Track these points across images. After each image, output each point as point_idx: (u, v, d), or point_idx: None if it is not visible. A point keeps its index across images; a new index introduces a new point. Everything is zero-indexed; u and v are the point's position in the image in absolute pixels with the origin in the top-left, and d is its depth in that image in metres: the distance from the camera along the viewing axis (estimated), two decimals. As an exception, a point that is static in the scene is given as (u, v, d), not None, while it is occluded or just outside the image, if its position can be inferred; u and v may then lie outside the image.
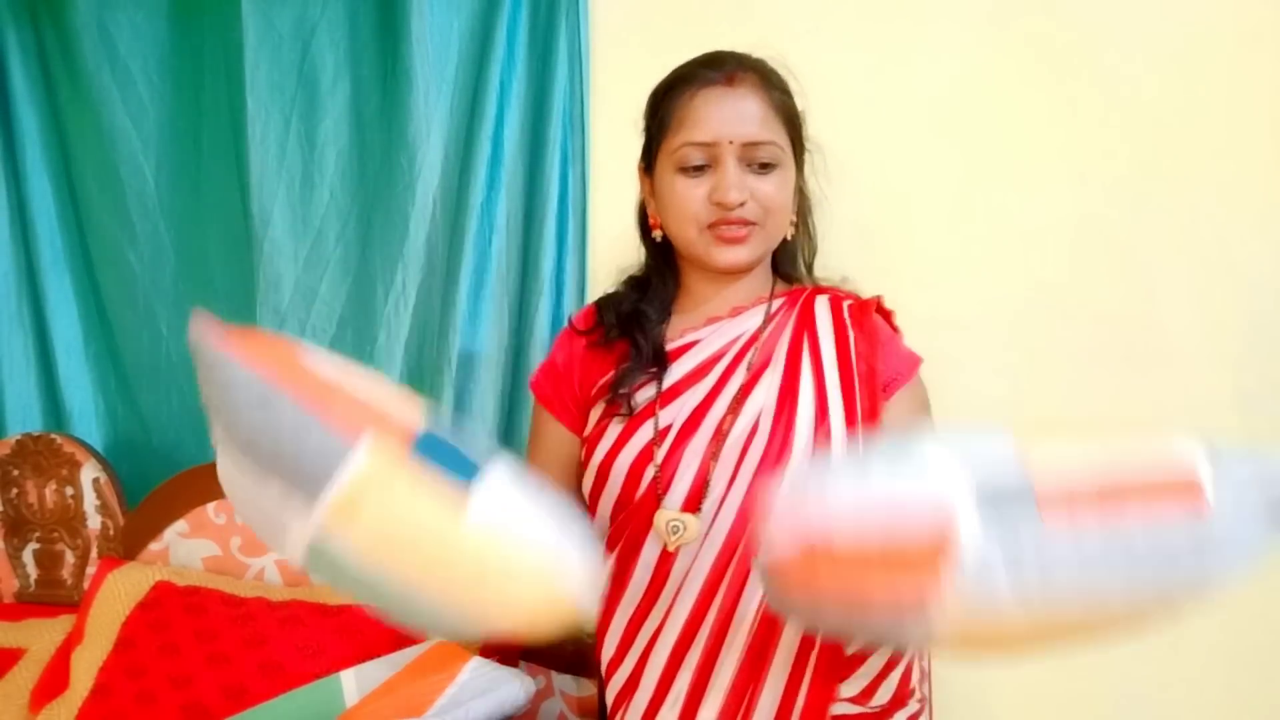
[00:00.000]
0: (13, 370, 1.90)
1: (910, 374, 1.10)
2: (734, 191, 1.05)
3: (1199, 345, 1.39)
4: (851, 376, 1.07)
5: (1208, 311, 1.39)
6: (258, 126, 1.67)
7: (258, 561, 1.65)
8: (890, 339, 1.12)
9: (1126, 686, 1.47)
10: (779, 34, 1.36)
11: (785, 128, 1.08)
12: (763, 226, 1.08)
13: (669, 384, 1.10)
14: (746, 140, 1.05)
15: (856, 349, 1.08)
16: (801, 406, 1.06)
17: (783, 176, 1.08)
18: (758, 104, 1.06)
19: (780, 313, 1.13)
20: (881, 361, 1.08)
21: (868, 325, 1.10)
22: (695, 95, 1.08)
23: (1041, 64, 1.41)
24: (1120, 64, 1.38)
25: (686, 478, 1.05)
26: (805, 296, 1.14)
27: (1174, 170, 1.38)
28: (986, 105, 1.44)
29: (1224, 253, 1.38)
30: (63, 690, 1.52)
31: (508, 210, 1.60)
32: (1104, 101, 1.39)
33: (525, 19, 1.56)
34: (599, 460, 1.11)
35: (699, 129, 1.06)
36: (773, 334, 1.11)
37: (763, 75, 1.09)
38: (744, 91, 1.07)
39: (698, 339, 1.12)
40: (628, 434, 1.10)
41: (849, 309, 1.12)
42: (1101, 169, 1.41)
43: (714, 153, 1.06)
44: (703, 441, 1.06)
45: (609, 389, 1.12)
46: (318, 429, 0.76)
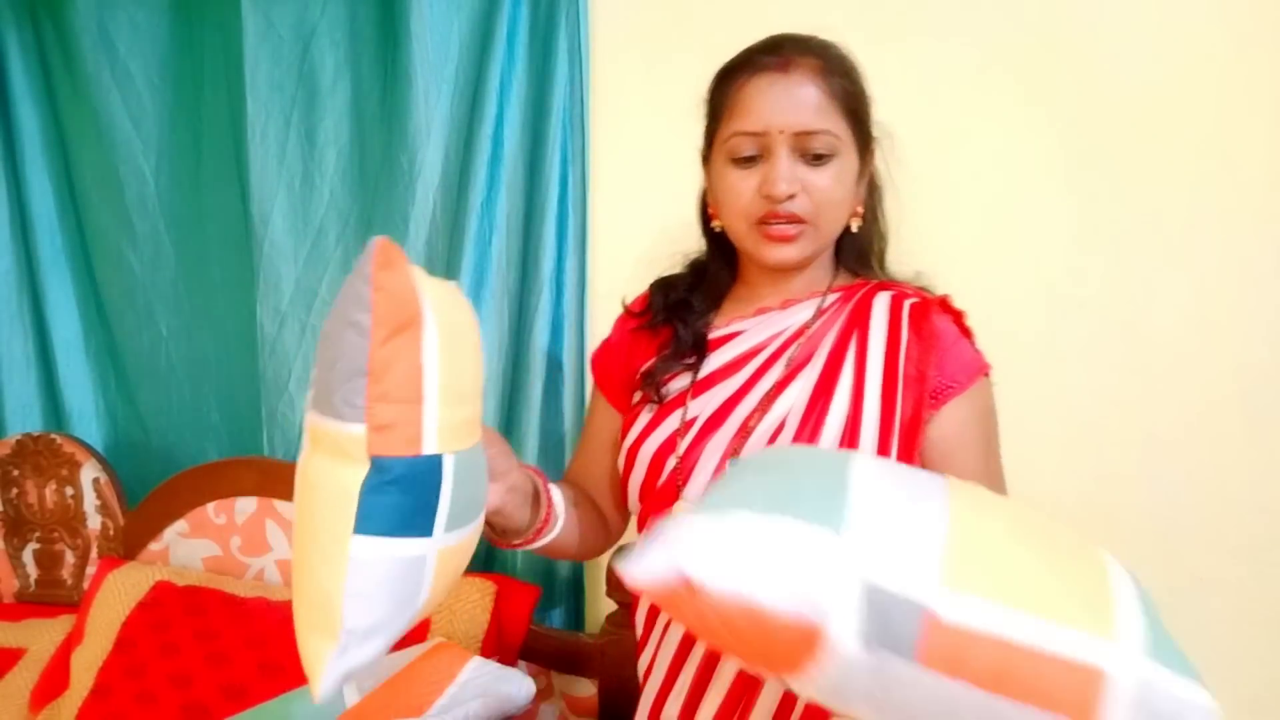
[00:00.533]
0: (13, 370, 1.90)
1: (968, 383, 1.03)
2: (783, 183, 0.99)
3: (1200, 345, 1.39)
4: (895, 380, 1.01)
5: (1208, 312, 1.39)
6: (258, 126, 1.67)
7: (258, 561, 1.65)
8: (954, 343, 1.05)
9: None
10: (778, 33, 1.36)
11: (845, 116, 1.02)
12: (814, 223, 1.02)
13: (704, 374, 1.08)
14: (799, 129, 1.00)
15: (907, 351, 1.02)
16: (833, 409, 1.01)
17: (839, 168, 1.02)
18: (814, 91, 1.00)
19: (833, 308, 1.08)
20: (935, 366, 1.02)
21: (927, 326, 1.03)
22: (748, 82, 1.03)
23: (1042, 64, 1.41)
24: (1121, 64, 1.38)
25: (706, 471, 1.04)
26: (864, 292, 1.08)
27: (1174, 170, 1.38)
28: (986, 105, 1.44)
29: (1225, 253, 1.38)
30: (63, 690, 1.52)
31: (508, 210, 1.60)
32: (1104, 102, 1.39)
33: (525, 19, 1.56)
34: (628, 445, 1.11)
35: (749, 117, 1.02)
36: (820, 329, 1.06)
37: (824, 60, 1.02)
38: (799, 78, 1.01)
39: (741, 330, 1.10)
40: (656, 422, 1.09)
41: (910, 308, 1.05)
42: (1101, 169, 1.40)
43: (765, 142, 1.01)
44: (726, 436, 1.04)
45: (645, 375, 1.12)
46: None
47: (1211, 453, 1.39)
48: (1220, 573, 1.40)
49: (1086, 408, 1.44)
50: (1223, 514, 1.40)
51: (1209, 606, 1.41)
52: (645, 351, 1.15)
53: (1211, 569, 1.41)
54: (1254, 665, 1.41)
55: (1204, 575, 1.41)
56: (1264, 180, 1.35)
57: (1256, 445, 1.38)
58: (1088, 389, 1.44)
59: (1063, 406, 1.44)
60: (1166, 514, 1.41)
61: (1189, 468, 1.40)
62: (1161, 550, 1.42)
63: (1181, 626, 1.43)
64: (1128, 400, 1.42)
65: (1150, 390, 1.41)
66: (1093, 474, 1.45)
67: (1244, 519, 1.39)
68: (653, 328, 1.15)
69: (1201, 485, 1.40)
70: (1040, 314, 1.45)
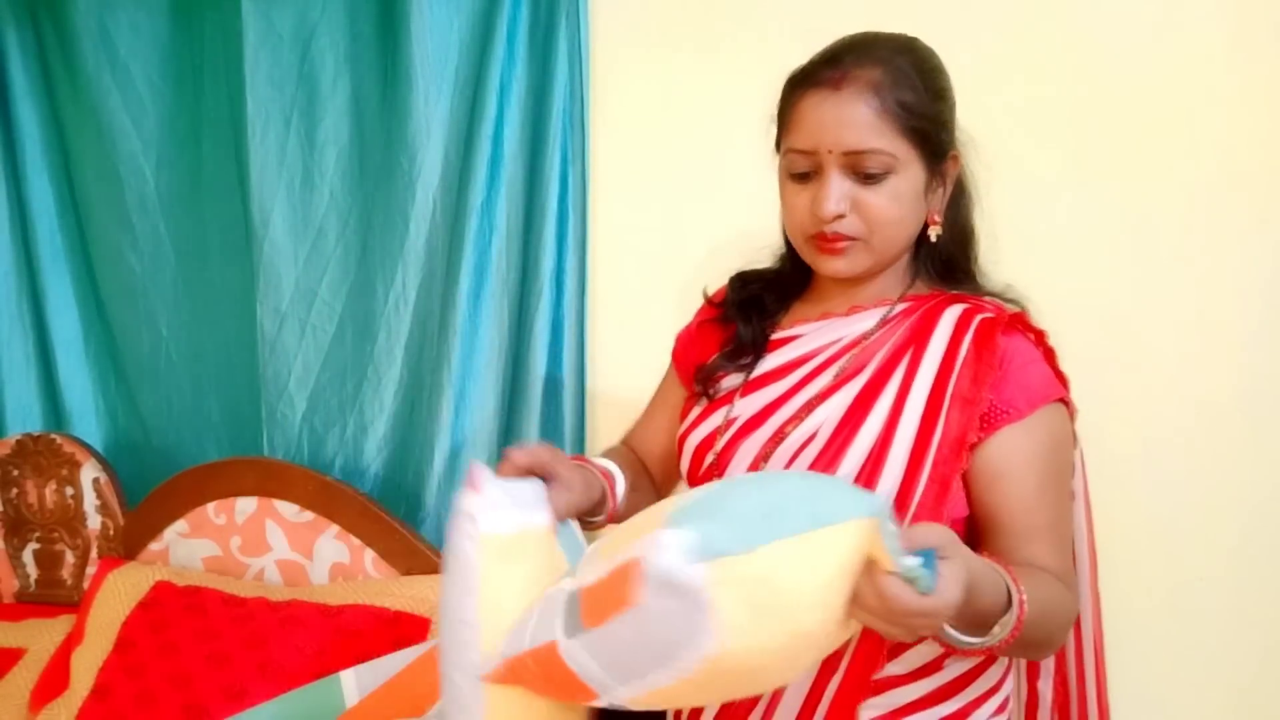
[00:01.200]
0: (13, 370, 1.90)
1: (1028, 409, 0.96)
2: (830, 204, 0.97)
3: (1200, 345, 1.39)
4: (941, 399, 0.97)
5: (1208, 312, 1.39)
6: (258, 126, 1.67)
7: (258, 561, 1.65)
8: (1026, 364, 0.99)
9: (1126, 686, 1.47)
10: (779, 34, 1.36)
11: (903, 134, 0.97)
12: (866, 241, 1.00)
13: (755, 375, 1.08)
14: (848, 149, 0.97)
15: (962, 369, 0.97)
16: (867, 424, 0.98)
17: (896, 185, 0.98)
18: (866, 109, 0.96)
19: (898, 319, 1.04)
20: (993, 388, 0.96)
21: (990, 345, 0.97)
22: (803, 98, 1.00)
23: (1042, 64, 1.41)
24: (1121, 64, 1.38)
25: (739, 470, 1.04)
26: (934, 304, 1.04)
27: (1174, 171, 1.38)
28: (986, 106, 1.44)
29: (1225, 253, 1.38)
30: (63, 690, 1.52)
31: (508, 210, 1.60)
32: (1103, 102, 1.39)
33: (525, 19, 1.56)
34: (679, 433, 1.12)
35: (801, 135, 1.00)
36: (878, 340, 1.03)
37: (886, 72, 0.98)
38: (851, 94, 0.97)
39: (801, 334, 1.08)
40: (702, 417, 1.10)
41: (978, 324, 1.00)
42: (1101, 170, 1.40)
43: (816, 161, 0.99)
44: (760, 440, 1.03)
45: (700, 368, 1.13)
46: None
47: (1211, 453, 1.39)
48: (1220, 573, 1.40)
49: (1086, 408, 1.44)
50: (1223, 514, 1.40)
51: (1208, 606, 1.41)
52: (712, 344, 1.15)
53: (1211, 569, 1.41)
54: (1253, 664, 1.41)
55: (1204, 575, 1.41)
56: (1264, 180, 1.35)
57: (1256, 445, 1.38)
58: (1088, 389, 1.44)
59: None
60: (1166, 514, 1.42)
61: (1189, 468, 1.40)
62: (1161, 550, 1.42)
63: (1181, 625, 1.44)
64: (1128, 400, 1.42)
65: (1150, 390, 1.41)
66: (1093, 474, 1.45)
67: (1244, 519, 1.39)
68: (724, 321, 1.15)
69: (1201, 485, 1.40)
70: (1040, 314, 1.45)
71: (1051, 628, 0.93)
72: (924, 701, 0.99)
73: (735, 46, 1.51)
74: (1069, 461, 1.03)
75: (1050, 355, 1.04)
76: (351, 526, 1.60)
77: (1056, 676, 1.11)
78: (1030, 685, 1.13)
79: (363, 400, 1.72)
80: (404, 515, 1.64)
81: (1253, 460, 1.38)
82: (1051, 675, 1.11)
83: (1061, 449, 1.01)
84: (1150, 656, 1.44)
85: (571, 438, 1.62)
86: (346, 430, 1.74)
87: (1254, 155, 1.35)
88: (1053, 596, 0.91)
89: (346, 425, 1.74)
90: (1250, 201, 1.36)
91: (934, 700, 0.99)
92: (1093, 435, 1.45)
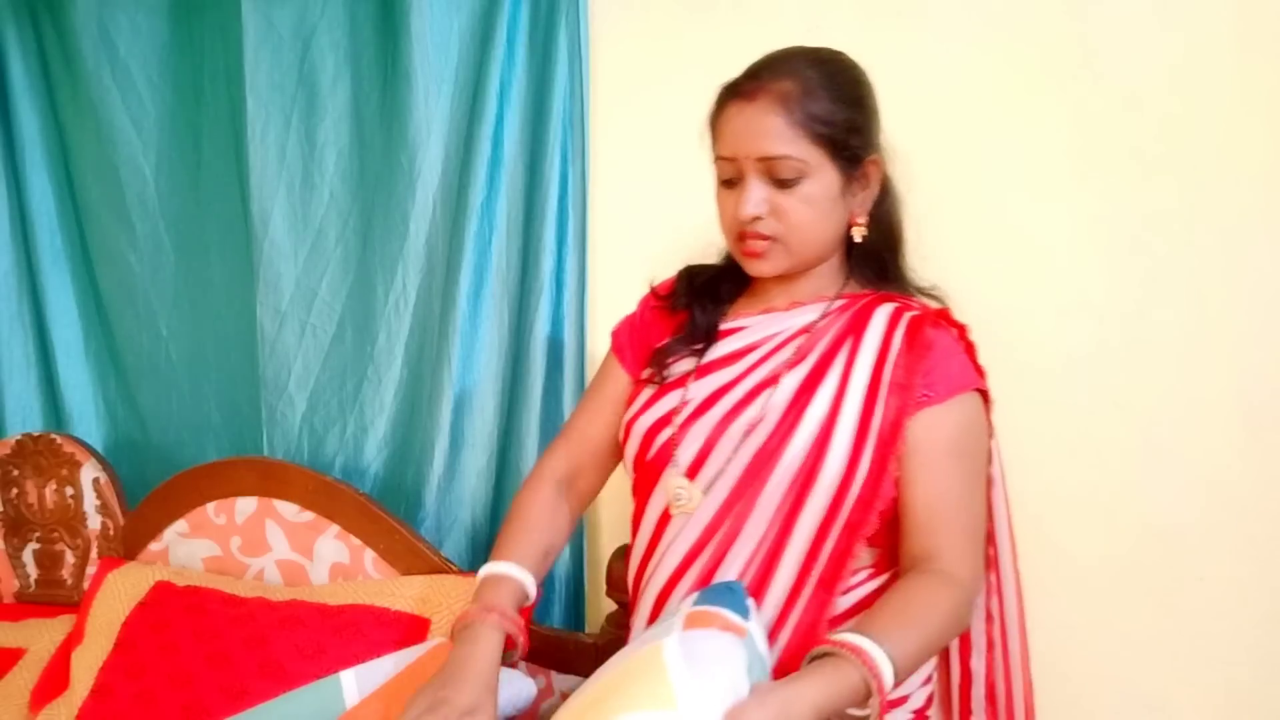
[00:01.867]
0: (13, 370, 1.90)
1: (946, 395, 1.06)
2: (748, 207, 1.07)
3: (1200, 346, 1.39)
4: (879, 387, 1.06)
5: (1209, 312, 1.39)
6: (258, 126, 1.67)
7: (258, 561, 1.65)
8: (946, 355, 1.09)
9: (1126, 686, 1.47)
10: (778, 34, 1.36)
11: (813, 141, 1.06)
12: (783, 242, 1.09)
13: (706, 361, 1.15)
14: (761, 156, 1.06)
15: (896, 359, 1.07)
16: (811, 410, 1.07)
17: (809, 190, 1.07)
18: (777, 119, 1.05)
19: (834, 315, 1.13)
20: (922, 375, 1.06)
21: (920, 337, 1.08)
22: (724, 109, 1.10)
23: (1042, 64, 1.41)
24: (1121, 65, 1.38)
25: (692, 449, 1.11)
26: (867, 302, 1.13)
27: (1174, 171, 1.38)
28: (986, 106, 1.44)
29: (1225, 253, 1.38)
30: (63, 690, 1.52)
31: (508, 210, 1.60)
32: (1106, 103, 1.39)
33: (525, 19, 1.56)
34: (627, 417, 1.19)
35: (724, 144, 1.10)
36: (816, 334, 1.12)
37: (799, 84, 1.06)
38: (764, 105, 1.06)
39: (745, 325, 1.16)
40: (653, 400, 1.17)
41: (909, 320, 1.10)
42: (1103, 170, 1.40)
43: (738, 167, 1.08)
44: (712, 421, 1.11)
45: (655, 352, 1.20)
46: None
47: (1211, 453, 1.39)
48: (1220, 573, 1.40)
49: (1087, 408, 1.44)
50: (1223, 514, 1.40)
51: (1209, 606, 1.41)
52: (663, 330, 1.22)
53: (1211, 569, 1.41)
54: (1253, 664, 1.41)
55: (1204, 575, 1.41)
56: (1264, 180, 1.35)
57: (1256, 445, 1.38)
58: (1088, 390, 1.44)
59: (1063, 407, 1.44)
60: (1166, 514, 1.42)
61: (1189, 468, 1.40)
62: (1161, 550, 1.42)
63: (1181, 625, 1.44)
64: (1128, 401, 1.42)
65: (1151, 391, 1.41)
66: (1093, 475, 1.45)
67: (1244, 519, 1.39)
68: (673, 309, 1.22)
69: (1201, 485, 1.40)
70: (1040, 315, 1.45)
71: (939, 637, 1.04)
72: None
73: (735, 46, 1.50)
74: (982, 447, 1.12)
75: (970, 349, 1.13)
76: (351, 526, 1.60)
77: (989, 653, 1.18)
78: (963, 664, 1.19)
79: (363, 400, 1.72)
80: (404, 515, 1.64)
81: (1252, 460, 1.38)
82: (984, 653, 1.18)
83: (974, 433, 1.10)
84: (1150, 656, 1.44)
85: (571, 438, 1.62)
86: (346, 430, 1.74)
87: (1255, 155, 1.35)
88: (930, 620, 1.00)
89: (346, 425, 1.74)
90: (1252, 202, 1.36)
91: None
92: (1093, 435, 1.45)
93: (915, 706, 1.13)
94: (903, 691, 1.10)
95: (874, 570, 1.11)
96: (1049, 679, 1.48)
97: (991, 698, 1.18)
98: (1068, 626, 1.46)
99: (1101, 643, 1.46)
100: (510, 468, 1.66)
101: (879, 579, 1.11)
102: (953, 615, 1.04)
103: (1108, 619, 1.46)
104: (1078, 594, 1.45)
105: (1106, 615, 1.46)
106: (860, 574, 1.09)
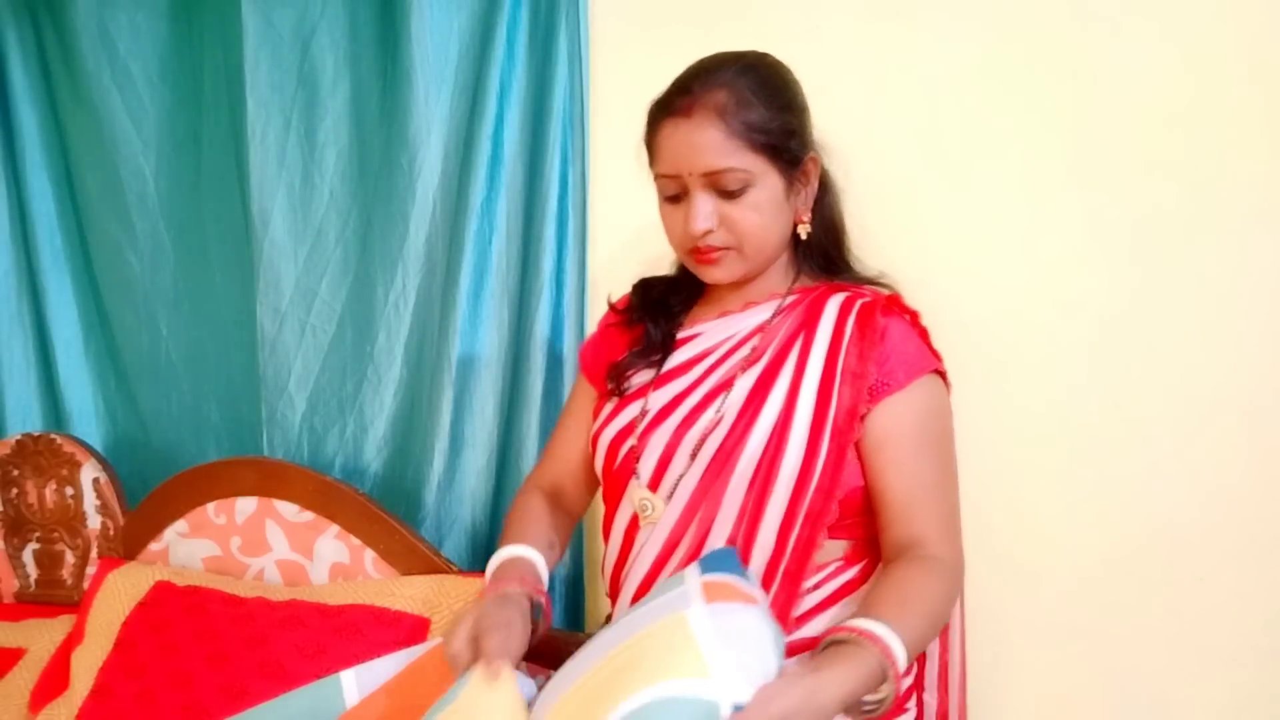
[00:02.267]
0: (13, 370, 1.90)
1: (907, 379, 1.07)
2: (699, 222, 1.08)
3: (1200, 346, 1.39)
4: (833, 376, 1.07)
5: (1208, 312, 1.39)
6: (258, 126, 1.67)
7: (258, 561, 1.65)
8: (902, 340, 1.10)
9: (1126, 686, 1.47)
10: (778, 34, 1.37)
11: (754, 149, 1.06)
12: (737, 249, 1.10)
13: (665, 370, 1.18)
14: (705, 170, 1.06)
15: (848, 348, 1.08)
16: (768, 405, 1.08)
17: (756, 197, 1.08)
18: (716, 132, 1.05)
19: (788, 310, 1.14)
20: (876, 363, 1.07)
21: (871, 324, 1.09)
22: (660, 127, 1.10)
23: (1042, 64, 1.41)
24: (1121, 65, 1.38)
25: (652, 459, 1.13)
26: (818, 295, 1.14)
27: (1174, 171, 1.38)
28: (987, 106, 1.44)
29: (1224, 253, 1.38)
30: (63, 690, 1.52)
31: (508, 210, 1.60)
32: (1105, 102, 1.39)
33: (525, 19, 1.56)
34: (593, 431, 1.23)
35: (664, 162, 1.10)
36: (771, 331, 1.14)
37: (731, 94, 1.06)
38: (700, 120, 1.06)
39: (701, 331, 1.19)
40: (615, 412, 1.19)
41: (859, 307, 1.11)
42: (1103, 170, 1.40)
43: (681, 183, 1.09)
44: (670, 429, 1.13)
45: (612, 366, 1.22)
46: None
47: (1211, 453, 1.39)
48: (1220, 573, 1.40)
49: (1087, 409, 1.44)
50: (1223, 514, 1.40)
51: (1209, 606, 1.41)
52: (619, 346, 1.24)
53: (1211, 569, 1.41)
54: (1254, 664, 1.41)
55: (1204, 575, 1.41)
56: (1264, 180, 1.35)
57: (1256, 445, 1.38)
58: (1088, 390, 1.44)
59: (1064, 408, 1.44)
60: (1166, 514, 1.42)
61: (1189, 468, 1.40)
62: (1161, 550, 1.42)
63: (1182, 625, 1.43)
64: (1128, 401, 1.42)
65: (1150, 391, 1.41)
66: (1093, 475, 1.45)
67: (1244, 519, 1.39)
68: (629, 324, 1.24)
69: (1201, 485, 1.40)
70: (1040, 315, 1.45)
71: (939, 618, 1.05)
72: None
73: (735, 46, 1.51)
74: (948, 427, 1.13)
75: (924, 334, 1.15)
76: (351, 526, 1.60)
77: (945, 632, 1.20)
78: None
79: (363, 400, 1.72)
80: (404, 515, 1.64)
81: (1252, 460, 1.38)
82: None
83: (939, 415, 1.12)
84: (1150, 656, 1.44)
85: (571, 438, 1.62)
86: (346, 430, 1.74)
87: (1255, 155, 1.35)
88: (928, 604, 1.01)
89: (346, 425, 1.74)
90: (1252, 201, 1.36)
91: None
92: (1093, 435, 1.45)
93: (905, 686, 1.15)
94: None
95: (844, 563, 1.13)
96: (1049, 679, 1.48)
97: (944, 673, 1.20)
98: (1068, 626, 1.46)
99: (1101, 643, 1.46)
100: (510, 468, 1.66)
101: (850, 571, 1.13)
102: (947, 599, 1.06)
103: (1108, 619, 1.46)
104: (1078, 594, 1.46)
105: (1106, 615, 1.46)
106: (830, 566, 1.11)
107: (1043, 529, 1.46)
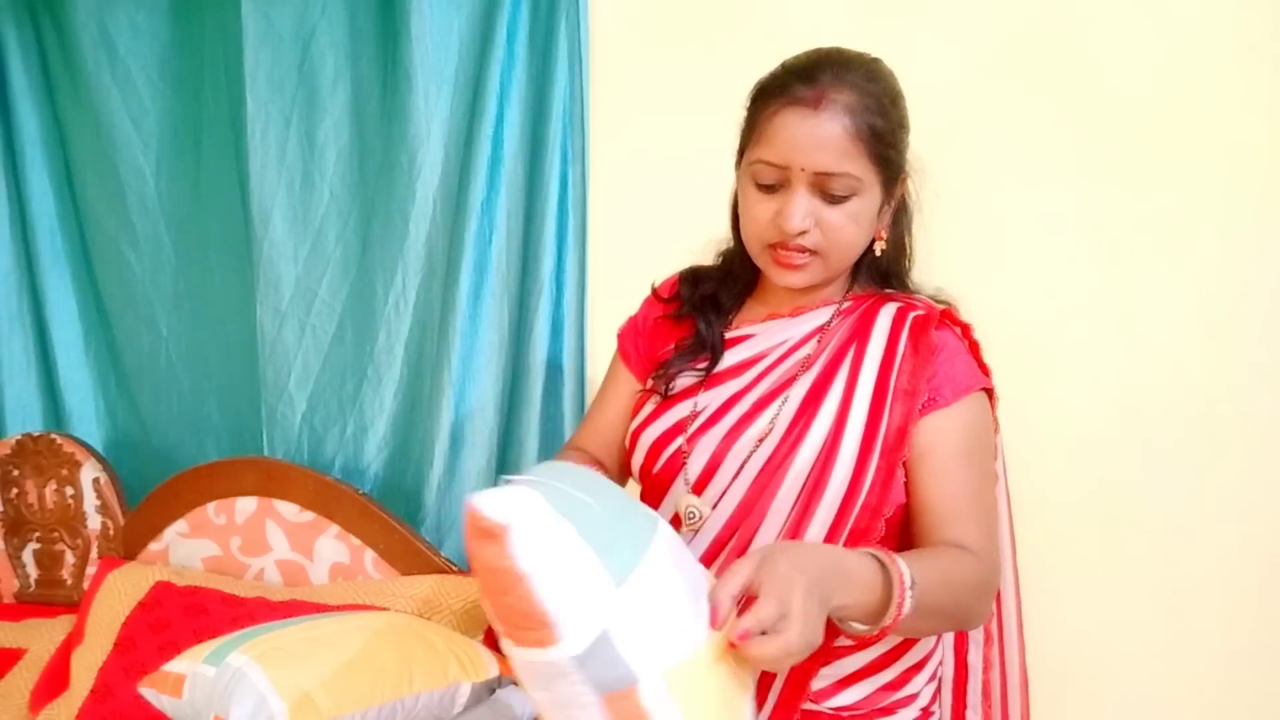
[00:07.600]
0: (13, 370, 1.90)
1: (954, 397, 1.04)
2: (796, 220, 1.01)
3: (1200, 347, 1.39)
4: (885, 393, 1.04)
5: (1208, 313, 1.39)
6: (258, 126, 1.67)
7: (258, 561, 1.65)
8: (953, 355, 1.06)
9: (1127, 687, 1.47)
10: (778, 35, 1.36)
11: (870, 158, 1.02)
12: (824, 256, 1.05)
13: (716, 371, 1.13)
14: (819, 170, 1.00)
15: (901, 364, 1.05)
16: (820, 417, 1.05)
17: (857, 207, 1.03)
18: (841, 132, 0.99)
19: (840, 319, 1.11)
20: (928, 380, 1.04)
21: (925, 339, 1.05)
22: (779, 112, 1.02)
23: (1042, 64, 1.41)
24: (1122, 65, 1.38)
25: (699, 462, 1.09)
26: (870, 305, 1.11)
27: (1174, 171, 1.38)
28: (987, 106, 1.44)
29: (1225, 253, 1.38)
30: (63, 690, 1.52)
31: (508, 210, 1.60)
32: (1105, 103, 1.39)
33: (525, 19, 1.56)
34: (633, 428, 1.16)
35: (774, 149, 1.02)
36: (824, 339, 1.10)
37: (860, 95, 1.01)
38: (829, 116, 0.99)
39: (754, 333, 1.14)
40: (659, 412, 1.14)
41: (912, 321, 1.07)
42: (1103, 170, 1.41)
43: (786, 175, 1.02)
44: (720, 433, 1.09)
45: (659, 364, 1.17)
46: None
47: (1211, 453, 1.40)
48: (1220, 573, 1.40)
49: (1087, 410, 1.44)
50: (1223, 515, 1.40)
51: (1209, 606, 1.41)
52: (667, 338, 1.19)
53: (1211, 569, 1.41)
54: (1253, 664, 1.41)
55: (1204, 575, 1.41)
56: (1264, 180, 1.35)
57: (1255, 446, 1.38)
58: (1088, 391, 1.44)
59: (1064, 409, 1.44)
60: (1166, 515, 1.42)
61: (1189, 469, 1.40)
62: (1161, 551, 1.42)
63: (1182, 625, 1.43)
64: (1128, 402, 1.42)
65: (1150, 392, 1.41)
66: (1094, 476, 1.45)
67: (1244, 519, 1.39)
68: (676, 317, 1.19)
69: (1201, 486, 1.40)
70: (1040, 314, 1.45)
71: (960, 595, 0.97)
72: (866, 670, 1.08)
73: (735, 46, 1.51)
74: (989, 444, 1.10)
75: (975, 348, 1.11)
76: (351, 526, 1.60)
77: (987, 648, 1.17)
78: (959, 658, 1.18)
79: (363, 400, 1.72)
80: (404, 515, 1.64)
81: (1252, 460, 1.38)
82: (981, 647, 1.17)
83: (982, 432, 1.08)
84: (1150, 656, 1.44)
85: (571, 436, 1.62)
86: (346, 430, 1.74)
87: (1255, 155, 1.35)
88: (952, 568, 0.96)
89: (346, 425, 1.74)
90: (1252, 201, 1.36)
91: (874, 669, 1.08)
92: (1093, 436, 1.45)
93: (923, 704, 1.12)
94: (909, 690, 1.10)
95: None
96: (1049, 679, 1.48)
97: (987, 693, 1.17)
98: (1068, 626, 1.46)
99: (1101, 642, 1.46)
100: (510, 468, 1.66)
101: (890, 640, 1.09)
102: (976, 581, 0.99)
103: (1108, 619, 1.46)
104: (1078, 594, 1.46)
105: (1106, 615, 1.46)
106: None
107: (1043, 529, 1.46)
